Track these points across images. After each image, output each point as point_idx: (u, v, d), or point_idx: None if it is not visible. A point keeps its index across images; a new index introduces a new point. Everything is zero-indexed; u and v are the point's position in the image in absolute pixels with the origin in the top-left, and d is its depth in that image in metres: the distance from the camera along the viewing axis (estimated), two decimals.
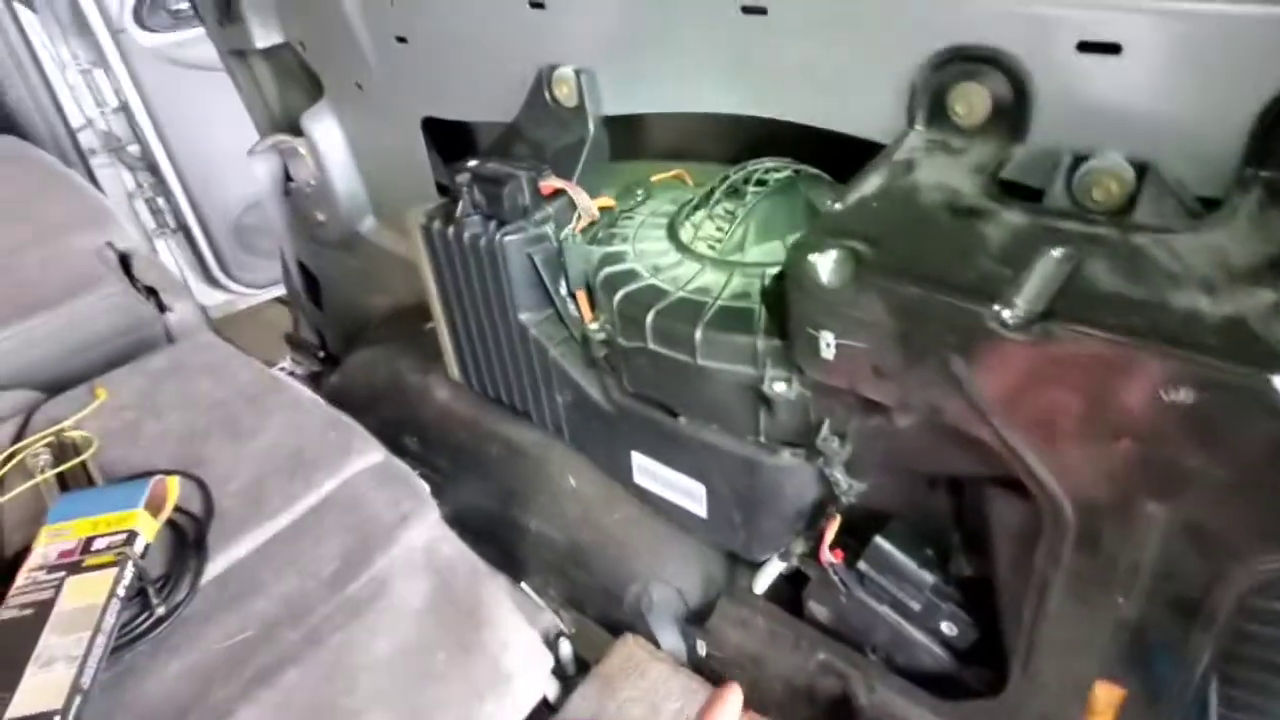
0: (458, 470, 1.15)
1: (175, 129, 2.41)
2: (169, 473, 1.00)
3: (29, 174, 1.91)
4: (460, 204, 0.90)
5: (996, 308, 0.50)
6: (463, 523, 1.12)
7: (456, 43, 1.00)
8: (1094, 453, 0.50)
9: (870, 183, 0.63)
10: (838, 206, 0.61)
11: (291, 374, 1.60)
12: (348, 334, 1.59)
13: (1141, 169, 0.57)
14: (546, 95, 0.91)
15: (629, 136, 0.93)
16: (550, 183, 0.87)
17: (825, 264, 0.57)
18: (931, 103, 0.66)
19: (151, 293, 1.57)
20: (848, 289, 0.57)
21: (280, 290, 2.28)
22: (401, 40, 1.06)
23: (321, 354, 1.61)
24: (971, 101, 0.64)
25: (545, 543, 1.03)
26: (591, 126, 0.89)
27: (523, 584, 1.06)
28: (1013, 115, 0.63)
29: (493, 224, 0.89)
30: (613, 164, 0.94)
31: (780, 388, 0.68)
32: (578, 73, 0.88)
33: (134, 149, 2.45)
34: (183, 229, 2.55)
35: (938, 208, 0.59)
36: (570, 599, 1.03)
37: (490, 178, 0.87)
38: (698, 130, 0.86)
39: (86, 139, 2.39)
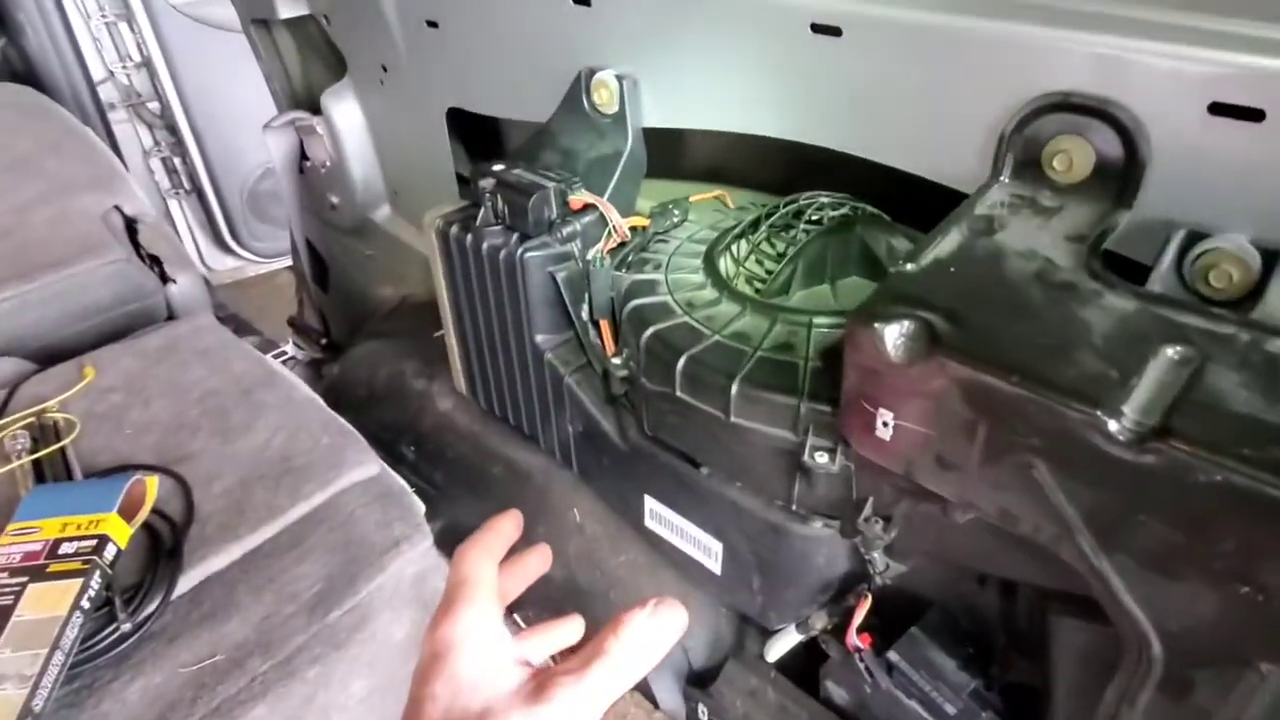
0: (455, 486, 1.08)
1: (197, 89, 2.34)
2: (151, 469, 0.94)
3: (44, 128, 1.84)
4: (481, 211, 0.83)
5: (1101, 415, 0.42)
6: (456, 541, 1.06)
7: (491, 33, 0.92)
8: (1203, 595, 0.42)
9: (947, 242, 0.55)
10: (910, 267, 0.53)
11: (293, 359, 1.53)
12: (353, 322, 1.52)
13: (1271, 256, 0.49)
14: (584, 100, 0.83)
15: (668, 152, 0.85)
16: (580, 197, 0.79)
17: (893, 335, 0.49)
18: (1023, 153, 0.58)
19: (155, 262, 1.50)
20: (917, 367, 0.49)
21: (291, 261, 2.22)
22: (432, 25, 0.99)
23: (324, 340, 1.54)
24: (1072, 157, 0.55)
25: (544, 577, 0.96)
26: (630, 138, 0.82)
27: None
28: (1119, 177, 0.55)
29: (515, 236, 0.81)
30: (648, 180, 0.86)
31: (822, 459, 0.60)
32: (620, 78, 0.80)
33: (154, 106, 2.39)
34: (197, 191, 2.49)
35: (1027, 280, 0.51)
36: None
37: (516, 186, 0.80)
38: (745, 153, 0.79)
39: (106, 92, 2.32)
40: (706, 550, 0.78)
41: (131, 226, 1.55)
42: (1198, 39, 0.49)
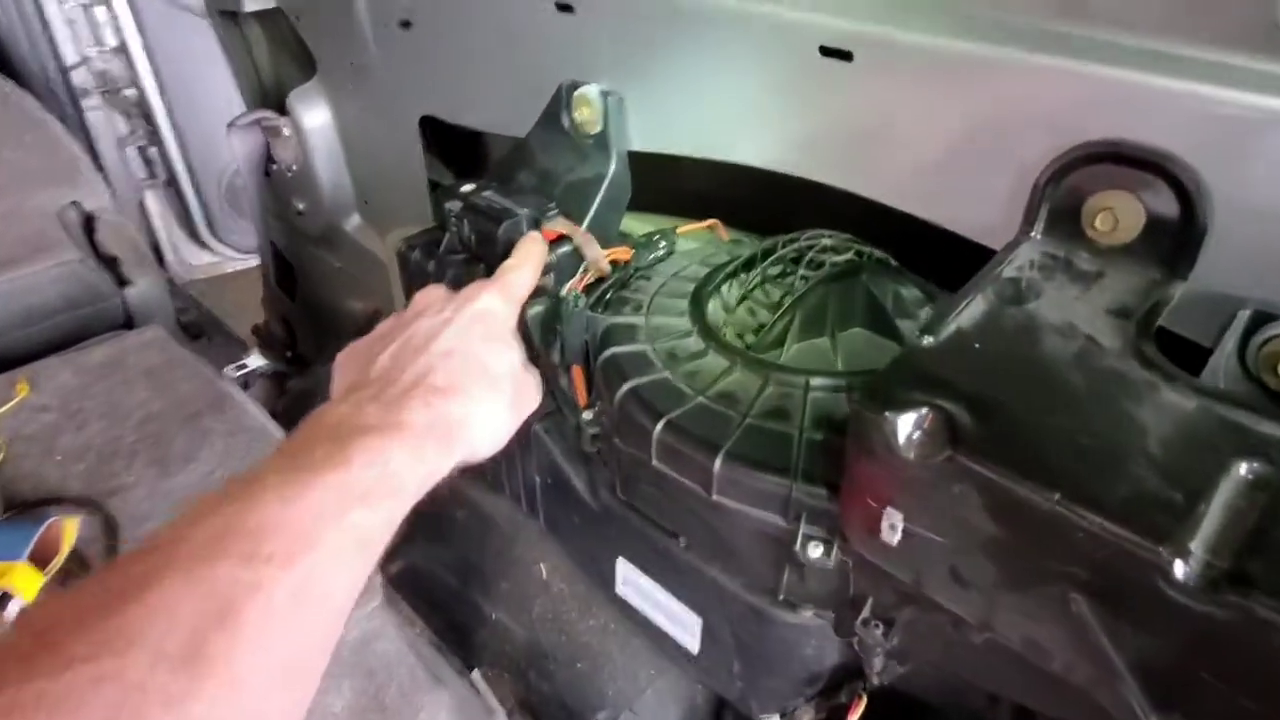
0: (416, 527, 0.99)
1: (175, 76, 2.24)
2: (75, 503, 0.86)
3: (3, 115, 1.75)
4: (446, 237, 0.75)
5: (1165, 553, 0.34)
6: (413, 585, 0.97)
7: (467, 38, 0.84)
8: None
9: (971, 310, 0.47)
10: (927, 341, 0.45)
11: (255, 371, 1.44)
12: (320, 334, 1.43)
13: None
14: (564, 116, 0.75)
15: (653, 180, 0.77)
16: (555, 226, 0.71)
17: (906, 427, 0.41)
18: (1060, 207, 0.50)
19: (113, 263, 1.42)
20: (934, 467, 0.41)
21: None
22: (405, 25, 0.90)
23: (290, 353, 1.45)
24: (1118, 215, 0.48)
25: (505, 635, 0.88)
26: (613, 161, 0.73)
27: (475, 672, 0.91)
28: (1173, 242, 0.47)
29: (482, 267, 0.73)
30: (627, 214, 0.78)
31: (816, 552, 0.52)
32: (604, 94, 0.72)
33: (130, 93, 2.29)
34: (173, 182, 2.39)
35: (1066, 363, 0.43)
36: (526, 703, 0.88)
37: (485, 212, 0.71)
38: (738, 186, 0.70)
39: (79, 78, 2.23)
40: (683, 625, 0.70)
41: (90, 224, 1.47)
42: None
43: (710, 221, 0.80)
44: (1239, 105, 0.43)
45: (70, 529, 0.79)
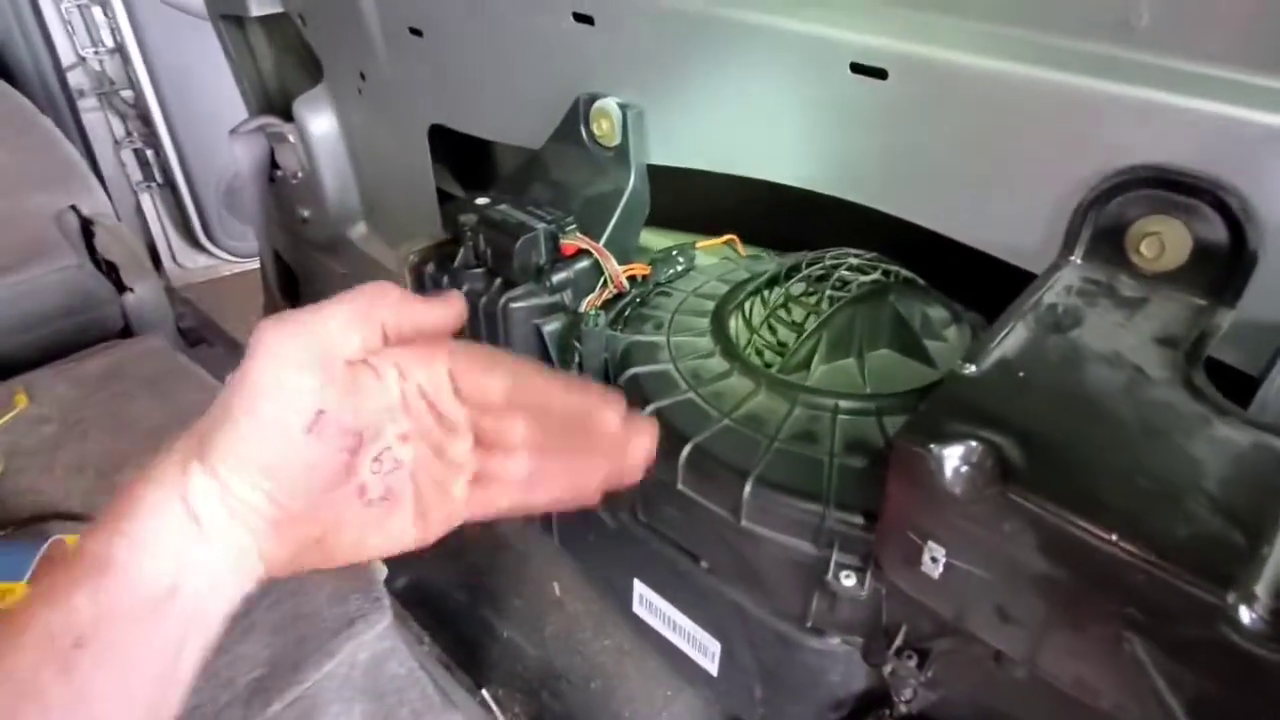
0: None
1: (172, 78, 2.22)
2: (77, 520, 0.84)
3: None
4: (462, 251, 0.73)
5: (1231, 599, 0.33)
6: (420, 603, 0.96)
7: (480, 46, 0.82)
8: None
9: (1013, 338, 0.46)
10: (970, 370, 0.44)
11: None
12: None
13: None
14: (582, 130, 0.73)
15: (672, 196, 0.75)
16: (574, 241, 0.70)
17: (953, 462, 0.40)
18: (1102, 231, 0.49)
19: (112, 269, 1.40)
20: (983, 502, 0.40)
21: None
22: (416, 33, 0.89)
23: None
24: (1164, 241, 0.46)
25: (517, 654, 0.86)
26: (632, 176, 0.72)
27: (484, 691, 0.90)
28: (1222, 269, 0.46)
29: (498, 282, 0.71)
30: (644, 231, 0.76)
31: (849, 582, 0.51)
32: (624, 107, 0.70)
33: (127, 94, 2.27)
34: (170, 185, 2.37)
35: (1115, 395, 0.42)
36: None
37: (501, 226, 0.70)
38: (761, 202, 0.69)
39: (76, 79, 2.21)
40: (702, 648, 0.69)
41: (88, 229, 1.45)
42: None
43: (728, 237, 0.79)
44: None
45: (74, 546, 0.77)
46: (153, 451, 0.94)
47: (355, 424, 0.37)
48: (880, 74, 0.54)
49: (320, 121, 1.10)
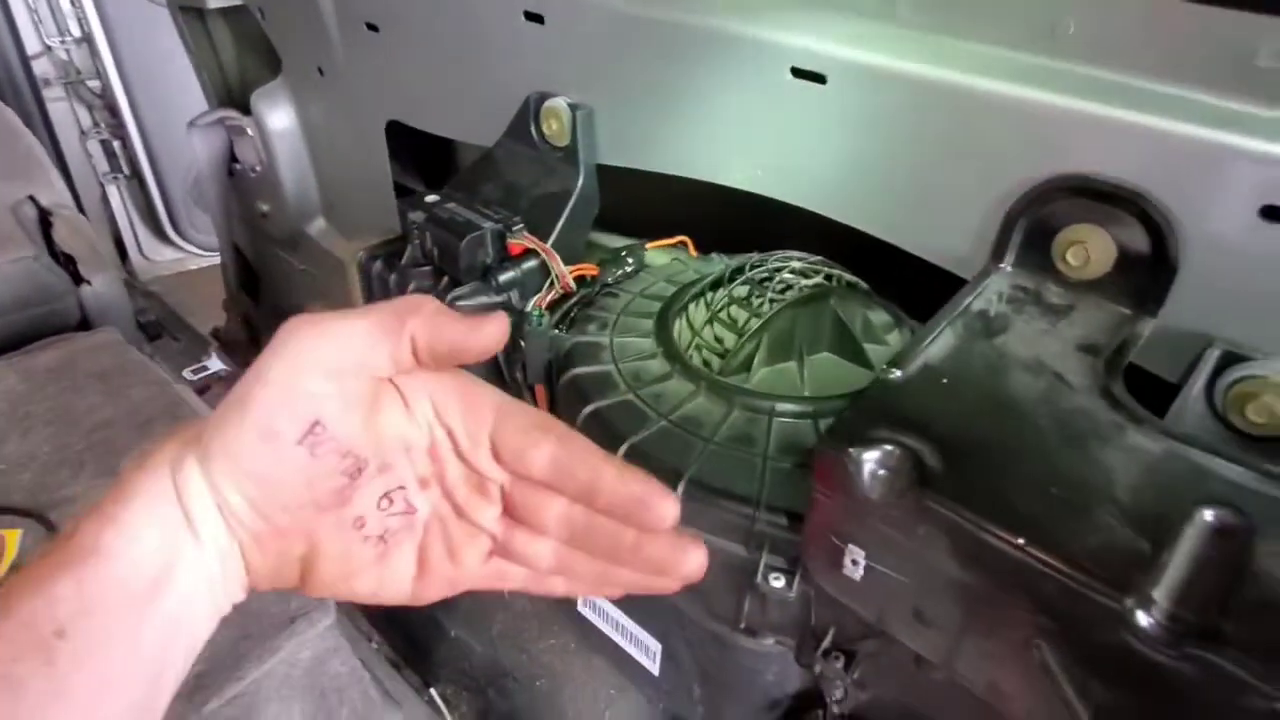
0: None
1: (140, 68, 2.19)
2: (18, 513, 0.83)
3: None
4: (409, 249, 0.73)
5: (1130, 604, 0.33)
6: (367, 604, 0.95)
7: (434, 43, 0.82)
8: None
9: (939, 345, 0.46)
10: (895, 375, 0.44)
11: (215, 374, 1.41)
12: None
13: None
14: (532, 129, 0.73)
15: (620, 197, 0.75)
16: (521, 241, 0.70)
17: (871, 466, 0.41)
18: (1030, 239, 0.49)
19: (70, 261, 1.38)
20: (898, 507, 0.40)
21: None
22: (372, 28, 0.88)
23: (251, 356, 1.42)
24: (1089, 249, 0.47)
25: (464, 652, 0.86)
26: (581, 176, 0.72)
27: (432, 690, 0.89)
28: (1144, 278, 0.46)
29: (444, 280, 0.71)
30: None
31: (777, 583, 0.51)
32: (573, 107, 0.70)
33: (94, 84, 2.24)
34: (137, 176, 2.34)
35: (1035, 402, 0.42)
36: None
37: (448, 225, 0.70)
38: (707, 204, 0.69)
39: (41, 68, 2.17)
40: (644, 648, 0.69)
41: (46, 220, 1.42)
42: (1257, 130, 0.41)
43: (680, 238, 0.78)
44: (1211, 143, 0.42)
45: (12, 541, 0.76)
46: (99, 446, 0.92)
47: (359, 447, 0.34)
48: (820, 79, 0.54)
49: (278, 115, 1.09)
